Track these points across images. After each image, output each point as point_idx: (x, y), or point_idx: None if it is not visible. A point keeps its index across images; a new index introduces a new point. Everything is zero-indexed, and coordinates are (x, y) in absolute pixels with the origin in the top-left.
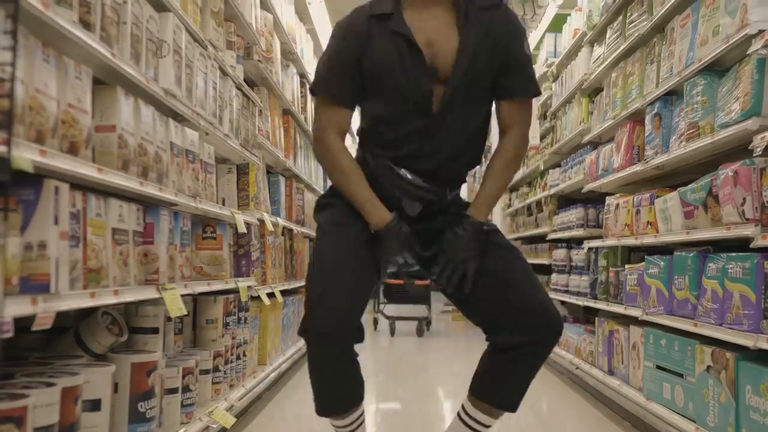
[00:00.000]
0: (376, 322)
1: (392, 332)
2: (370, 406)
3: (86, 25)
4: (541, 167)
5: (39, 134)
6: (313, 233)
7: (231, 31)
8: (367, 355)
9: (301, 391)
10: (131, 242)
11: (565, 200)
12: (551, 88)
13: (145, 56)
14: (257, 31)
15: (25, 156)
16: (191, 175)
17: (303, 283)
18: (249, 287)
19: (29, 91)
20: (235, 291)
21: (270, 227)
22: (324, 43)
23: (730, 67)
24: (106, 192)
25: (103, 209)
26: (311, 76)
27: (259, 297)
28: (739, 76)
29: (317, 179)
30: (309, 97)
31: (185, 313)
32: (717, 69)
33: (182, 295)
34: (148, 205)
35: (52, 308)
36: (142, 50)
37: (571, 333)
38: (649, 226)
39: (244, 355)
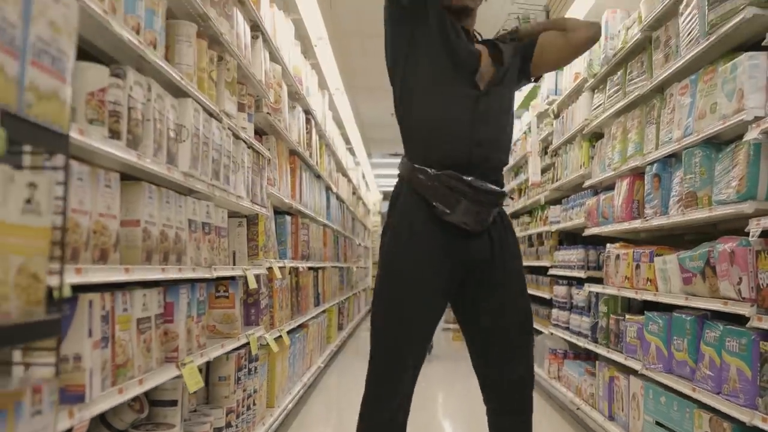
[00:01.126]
0: None
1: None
2: None
3: (114, 134)
4: (542, 201)
5: (74, 251)
6: (316, 264)
7: (243, 93)
8: None
9: (305, 429)
10: (153, 326)
11: (566, 235)
12: (552, 125)
13: (166, 146)
14: (266, 84)
15: (66, 282)
16: (207, 246)
17: (308, 317)
18: (259, 337)
19: (67, 213)
20: (246, 344)
21: (278, 275)
22: (329, 77)
23: (729, 141)
24: (130, 284)
25: (129, 303)
26: (316, 111)
27: (268, 344)
28: (735, 157)
29: (321, 210)
30: (314, 131)
31: (203, 385)
32: (715, 142)
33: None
34: (169, 284)
35: (86, 416)
36: (163, 142)
37: (571, 371)
38: (648, 282)
39: (254, 404)
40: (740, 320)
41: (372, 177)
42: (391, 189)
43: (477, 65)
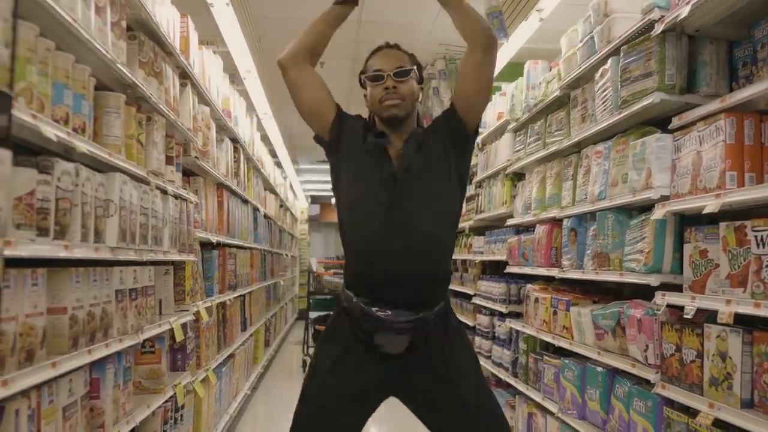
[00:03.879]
0: (305, 364)
1: None
2: None
3: (42, 231)
4: (466, 230)
5: (1, 360)
6: (244, 290)
7: (170, 147)
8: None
9: None
10: (79, 408)
11: (489, 263)
12: (476, 156)
13: (93, 227)
14: (194, 129)
15: None
16: (134, 312)
17: (235, 346)
18: (186, 385)
19: None
20: (172, 396)
21: (205, 317)
22: (257, 104)
23: (641, 208)
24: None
25: (54, 394)
26: (244, 137)
27: (194, 390)
28: (643, 230)
29: (249, 233)
30: (242, 158)
31: None
32: (627, 208)
33: None
34: (94, 362)
35: None
36: (90, 224)
37: None
38: (565, 330)
39: None
40: (648, 381)
41: (299, 185)
42: (319, 194)
43: (385, 159)
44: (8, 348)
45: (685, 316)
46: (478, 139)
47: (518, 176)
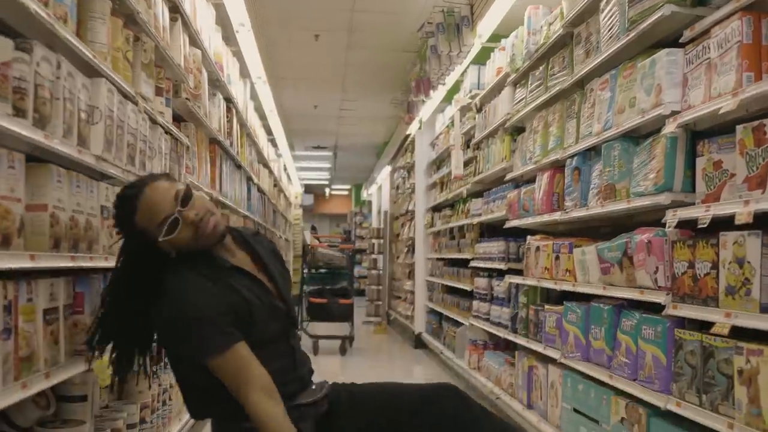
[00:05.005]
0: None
1: (315, 351)
2: None
3: (19, 112)
4: (464, 194)
5: None
6: None
7: (161, 77)
8: None
9: None
10: (61, 318)
11: (487, 227)
12: (474, 119)
13: (77, 127)
14: (186, 69)
15: None
16: None
17: None
18: None
19: None
20: None
21: None
22: (251, 66)
23: (646, 135)
24: (36, 272)
25: (34, 293)
26: (237, 99)
27: None
28: (653, 151)
29: (242, 201)
30: (235, 120)
31: (115, 379)
32: (633, 136)
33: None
34: (78, 274)
35: None
36: (74, 123)
37: (491, 361)
38: (567, 273)
39: (170, 399)
40: (655, 310)
41: (294, 169)
42: (314, 182)
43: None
44: None
45: (699, 227)
46: (476, 100)
47: (518, 131)
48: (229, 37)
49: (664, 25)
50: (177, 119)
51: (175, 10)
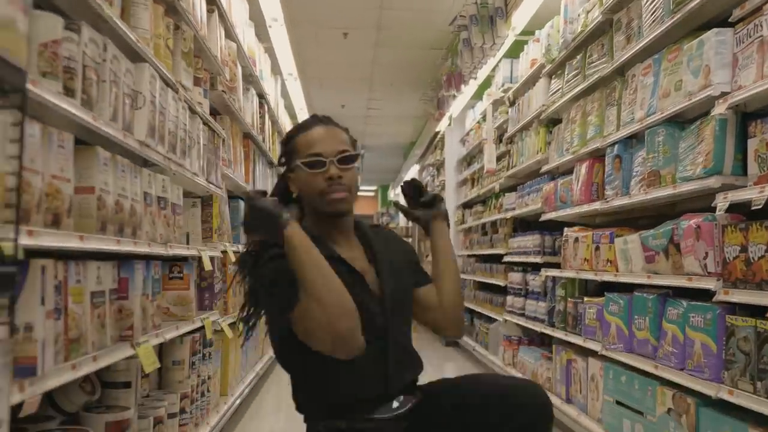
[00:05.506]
0: None
1: None
2: None
3: (69, 91)
4: (497, 189)
5: (25, 213)
6: None
7: (199, 68)
8: None
9: (257, 421)
10: (107, 301)
11: (520, 222)
12: (507, 113)
13: (122, 111)
14: (222, 61)
15: (19, 244)
16: (163, 222)
17: None
18: (213, 322)
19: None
20: (200, 328)
21: (232, 258)
22: (282, 62)
23: (692, 119)
24: (83, 255)
25: (82, 275)
26: (270, 96)
27: (222, 330)
28: (701, 134)
29: None
30: (267, 116)
31: (158, 365)
32: (678, 121)
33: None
34: (123, 259)
35: (38, 390)
36: (119, 106)
37: (527, 357)
38: (608, 263)
39: (208, 390)
40: (701, 297)
41: None
42: None
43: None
44: (34, 203)
45: (753, 208)
46: (509, 94)
47: (553, 123)
48: (260, 35)
49: (711, 5)
50: (213, 112)
51: (212, 2)
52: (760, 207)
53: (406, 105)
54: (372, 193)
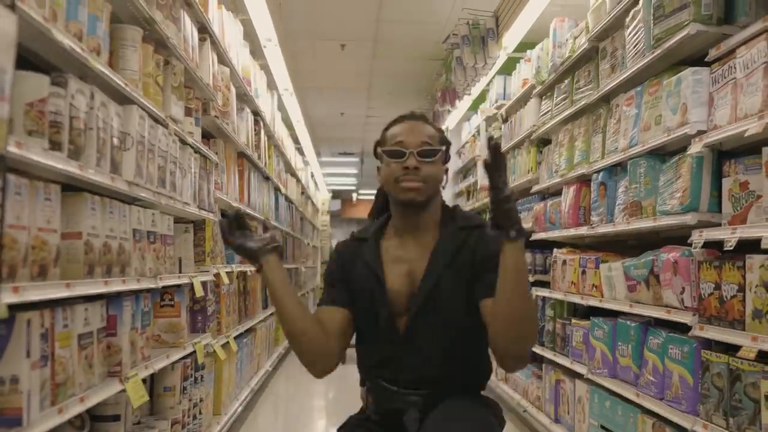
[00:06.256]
0: None
1: (343, 360)
2: None
3: (55, 145)
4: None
5: (12, 269)
6: None
7: (190, 98)
8: (316, 383)
9: None
10: (95, 341)
11: None
12: (500, 129)
13: (109, 155)
14: (214, 87)
15: (2, 302)
16: (152, 255)
17: (256, 321)
18: (206, 345)
19: (4, 230)
20: (192, 353)
21: (225, 280)
22: (278, 79)
23: (673, 152)
24: (72, 298)
25: (69, 319)
26: (265, 113)
27: (214, 351)
28: (679, 170)
29: (270, 211)
30: (263, 133)
31: (147, 399)
32: (660, 153)
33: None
34: (112, 297)
35: None
36: (106, 151)
37: (519, 373)
38: (594, 288)
39: (200, 413)
40: (682, 328)
41: (321, 176)
42: (340, 188)
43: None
44: (19, 258)
45: (725, 249)
46: (502, 111)
47: (544, 143)
48: (256, 51)
49: (689, 44)
50: (206, 136)
51: (204, 30)
52: (731, 248)
53: (404, 112)
54: (373, 197)
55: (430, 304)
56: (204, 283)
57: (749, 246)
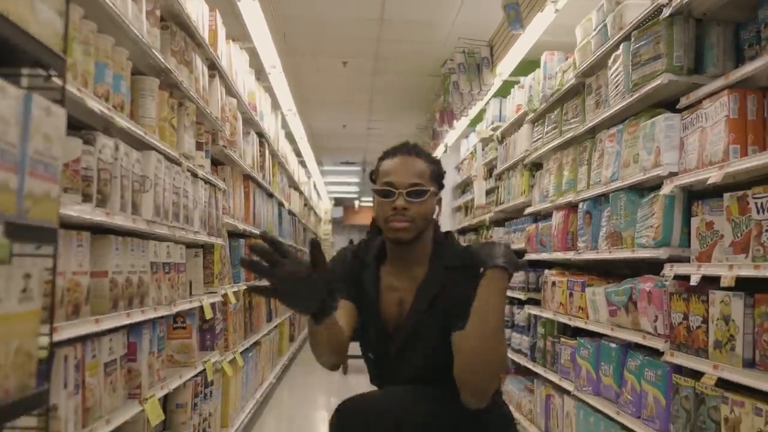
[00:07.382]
0: None
1: (345, 370)
2: None
3: (86, 197)
4: (487, 222)
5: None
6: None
7: (201, 133)
8: (319, 393)
9: None
10: (119, 367)
11: None
12: (496, 149)
13: (131, 199)
14: (222, 119)
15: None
16: (167, 284)
17: (261, 334)
18: (214, 362)
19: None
20: (202, 371)
21: (233, 300)
22: (282, 101)
23: (651, 187)
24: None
25: (97, 350)
26: (270, 133)
27: (222, 368)
28: (653, 207)
29: (274, 227)
30: (267, 152)
31: (163, 418)
32: (638, 188)
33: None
34: (132, 326)
35: None
36: (128, 196)
37: (513, 386)
38: (580, 310)
39: (209, 426)
40: (657, 352)
41: (323, 185)
42: (343, 195)
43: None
44: (57, 300)
45: (691, 284)
46: (498, 132)
47: (536, 166)
48: (260, 72)
49: (664, 91)
50: (215, 162)
51: (213, 68)
52: (695, 284)
53: (405, 124)
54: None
55: (414, 338)
56: (213, 305)
57: (716, 280)
